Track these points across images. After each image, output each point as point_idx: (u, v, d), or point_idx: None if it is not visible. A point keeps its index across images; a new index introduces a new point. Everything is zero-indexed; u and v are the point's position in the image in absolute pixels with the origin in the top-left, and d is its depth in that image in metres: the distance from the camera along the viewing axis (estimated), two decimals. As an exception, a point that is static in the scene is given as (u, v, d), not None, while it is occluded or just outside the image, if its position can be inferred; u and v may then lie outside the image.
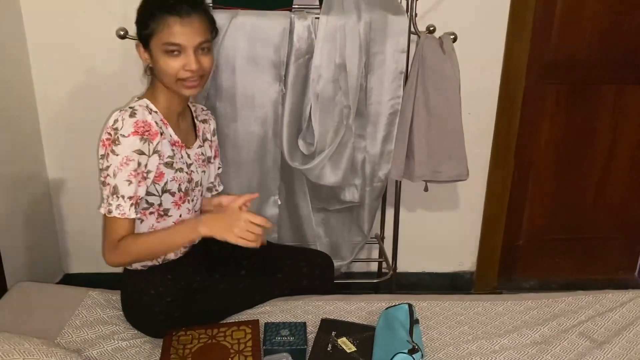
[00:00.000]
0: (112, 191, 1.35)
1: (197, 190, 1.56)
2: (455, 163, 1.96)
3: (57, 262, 2.36)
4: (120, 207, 1.35)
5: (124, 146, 1.34)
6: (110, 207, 1.36)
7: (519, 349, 1.49)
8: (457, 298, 1.72)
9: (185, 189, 1.49)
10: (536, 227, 2.52)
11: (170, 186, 1.45)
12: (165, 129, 1.43)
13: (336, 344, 1.46)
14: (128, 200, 1.35)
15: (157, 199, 1.44)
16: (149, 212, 1.45)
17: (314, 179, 1.90)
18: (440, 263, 2.51)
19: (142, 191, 1.38)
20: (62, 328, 1.51)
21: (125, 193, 1.35)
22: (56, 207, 2.29)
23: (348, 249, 2.15)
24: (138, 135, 1.34)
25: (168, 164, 1.43)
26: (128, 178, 1.34)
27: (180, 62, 1.37)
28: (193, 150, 1.54)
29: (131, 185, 1.35)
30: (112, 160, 1.35)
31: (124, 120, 1.35)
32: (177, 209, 1.48)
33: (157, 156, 1.39)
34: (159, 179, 1.42)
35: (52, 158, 2.22)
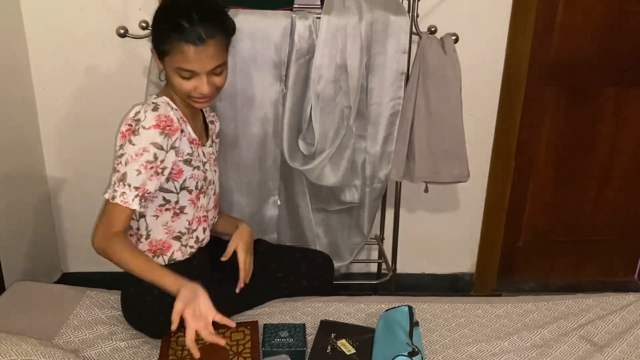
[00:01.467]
0: (120, 178, 1.34)
1: (210, 189, 1.56)
2: (456, 164, 1.95)
3: (55, 261, 2.36)
4: (124, 195, 1.34)
5: (142, 137, 1.33)
6: (114, 194, 1.34)
7: (519, 352, 1.48)
8: (457, 300, 1.71)
9: (201, 186, 1.49)
10: (536, 228, 2.51)
11: (188, 183, 1.45)
12: (185, 127, 1.44)
13: (335, 345, 1.46)
14: (134, 190, 1.34)
15: (175, 196, 1.44)
16: (165, 209, 1.45)
17: (314, 179, 1.89)
18: (439, 264, 2.50)
19: (152, 186, 1.36)
20: (60, 328, 1.51)
21: (132, 182, 1.33)
22: (55, 205, 2.28)
23: (347, 250, 2.14)
24: (159, 128, 1.34)
25: (187, 161, 1.43)
26: (139, 168, 1.33)
27: (193, 84, 1.38)
28: (206, 149, 1.56)
29: (140, 175, 1.33)
30: (127, 149, 1.34)
31: (146, 113, 1.35)
32: (193, 207, 1.49)
33: (174, 153, 1.39)
34: (177, 175, 1.42)
35: (51, 156, 2.20)
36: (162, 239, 1.49)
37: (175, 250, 1.51)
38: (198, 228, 1.54)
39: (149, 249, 1.49)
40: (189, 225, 1.51)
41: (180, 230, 1.50)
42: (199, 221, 1.54)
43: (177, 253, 1.51)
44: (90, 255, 1.45)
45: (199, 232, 1.55)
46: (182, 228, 1.50)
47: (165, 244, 1.49)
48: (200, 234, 1.56)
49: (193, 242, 1.55)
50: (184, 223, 1.49)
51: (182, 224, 1.49)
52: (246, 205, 1.99)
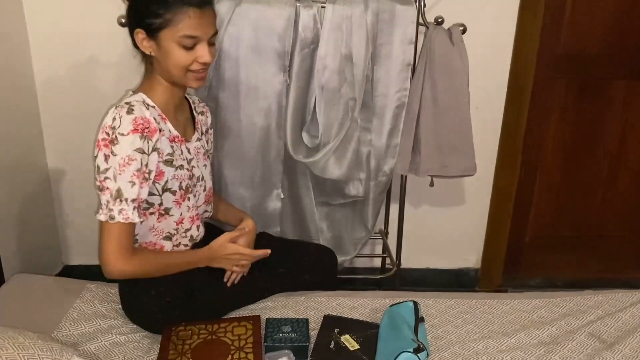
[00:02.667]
0: (115, 195, 1.28)
1: (199, 185, 1.51)
2: (462, 157, 1.92)
3: (56, 253, 2.34)
4: (123, 212, 1.28)
5: (123, 145, 1.27)
6: (111, 213, 1.28)
7: (526, 348, 1.46)
8: (463, 296, 1.68)
9: (186, 186, 1.44)
10: (543, 224, 2.48)
11: (170, 185, 1.40)
12: (163, 125, 1.38)
13: (339, 341, 1.43)
14: (131, 204, 1.29)
15: (158, 199, 1.40)
16: (150, 212, 1.40)
17: (318, 172, 1.86)
18: (444, 259, 2.48)
19: (144, 193, 1.32)
20: (59, 322, 1.48)
21: (129, 196, 1.28)
22: (56, 196, 2.26)
23: (351, 244, 2.12)
24: (138, 132, 1.28)
25: (168, 161, 1.38)
26: (131, 179, 1.28)
27: (193, 55, 1.33)
28: (192, 144, 1.50)
29: (134, 187, 1.28)
30: (111, 162, 1.27)
31: (121, 118, 1.28)
32: (178, 207, 1.44)
33: (157, 154, 1.34)
34: (158, 177, 1.37)
35: (52, 147, 2.18)
36: (152, 240, 1.45)
37: (168, 250, 1.47)
38: (192, 227, 1.51)
39: None
40: (178, 226, 1.46)
41: (168, 230, 1.45)
42: (191, 220, 1.50)
43: None
44: (92, 247, 1.43)
45: (192, 231, 1.51)
46: (170, 229, 1.45)
47: (156, 245, 1.45)
48: (194, 232, 1.52)
49: (187, 241, 1.51)
50: (171, 224, 1.44)
51: (169, 224, 1.44)
52: (249, 198, 1.96)
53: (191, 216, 1.49)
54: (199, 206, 1.54)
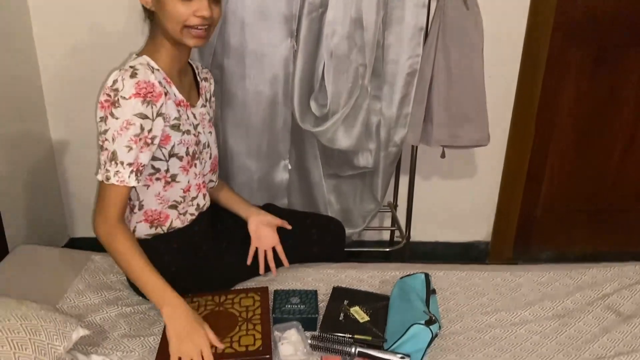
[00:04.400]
0: (111, 157, 1.26)
1: (205, 152, 1.47)
2: (475, 127, 1.87)
3: (62, 226, 2.32)
4: (119, 174, 1.26)
5: (124, 109, 1.24)
6: (108, 174, 1.27)
7: (541, 321, 1.43)
8: (474, 268, 1.65)
9: (192, 152, 1.40)
10: (555, 197, 2.44)
11: (177, 150, 1.36)
12: (169, 88, 1.34)
13: (348, 313, 1.40)
14: (127, 167, 1.26)
15: (164, 164, 1.36)
16: (156, 178, 1.37)
17: (326, 142, 1.82)
18: (454, 232, 2.45)
19: (144, 158, 1.29)
20: (64, 293, 1.47)
21: (125, 159, 1.26)
22: (60, 169, 2.23)
23: (360, 217, 2.08)
24: (140, 97, 1.24)
25: (174, 126, 1.34)
26: (128, 144, 1.25)
27: (191, 8, 1.26)
28: (197, 110, 1.45)
29: (131, 151, 1.25)
30: (110, 124, 1.25)
31: (124, 81, 1.24)
32: (185, 174, 1.40)
33: (162, 119, 1.30)
34: (165, 142, 1.33)
35: (55, 118, 2.14)
36: (156, 209, 1.41)
37: (173, 219, 1.44)
38: (198, 195, 1.47)
39: (145, 219, 1.41)
40: (184, 194, 1.42)
41: (175, 199, 1.41)
42: (198, 188, 1.46)
43: (177, 221, 1.44)
44: None
45: (199, 199, 1.48)
46: (176, 197, 1.41)
47: (161, 214, 1.42)
48: (201, 201, 1.49)
49: (193, 210, 1.48)
50: (177, 192, 1.41)
51: (175, 192, 1.40)
52: (256, 169, 1.92)
53: (198, 184, 1.45)
54: (205, 174, 1.50)
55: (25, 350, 1.06)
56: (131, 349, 1.31)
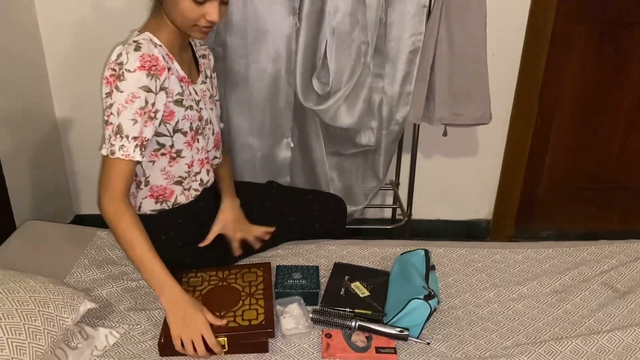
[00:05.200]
0: (116, 131, 1.27)
1: (207, 128, 1.48)
2: (477, 105, 1.86)
3: (67, 203, 2.35)
4: (124, 148, 1.27)
5: (129, 82, 1.25)
6: (112, 148, 1.27)
7: (538, 297, 1.45)
8: (474, 245, 1.67)
9: (196, 127, 1.41)
10: (557, 175, 2.44)
11: (181, 125, 1.37)
12: (171, 64, 1.34)
13: (349, 288, 1.43)
14: (132, 141, 1.27)
15: (169, 140, 1.37)
16: (161, 154, 1.38)
17: (329, 120, 1.82)
18: (455, 211, 2.46)
19: (148, 132, 1.30)
20: (71, 268, 1.49)
21: (130, 133, 1.26)
22: (65, 146, 2.25)
23: (362, 195, 2.10)
24: (145, 70, 1.25)
25: (178, 101, 1.35)
26: (133, 117, 1.26)
27: (202, 11, 1.27)
28: (198, 86, 1.46)
29: (136, 124, 1.26)
30: (116, 98, 1.26)
31: (128, 54, 1.25)
32: (190, 149, 1.42)
33: (165, 94, 1.31)
34: (169, 118, 1.35)
35: (59, 95, 2.14)
36: (162, 184, 1.42)
37: (178, 195, 1.45)
38: (202, 170, 1.48)
39: (150, 195, 1.43)
40: (189, 169, 1.44)
41: (180, 174, 1.43)
42: (201, 163, 1.47)
43: (181, 197, 1.46)
44: None
45: (202, 174, 1.49)
46: (181, 172, 1.43)
47: (167, 190, 1.43)
48: (205, 176, 1.50)
49: (197, 185, 1.49)
50: (182, 167, 1.42)
51: (181, 168, 1.42)
52: (258, 147, 1.93)
53: (200, 159, 1.46)
54: (209, 150, 1.51)
55: (35, 322, 1.09)
56: (137, 321, 1.34)
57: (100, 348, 1.25)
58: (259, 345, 1.25)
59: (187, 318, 1.23)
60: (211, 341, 1.22)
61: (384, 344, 1.27)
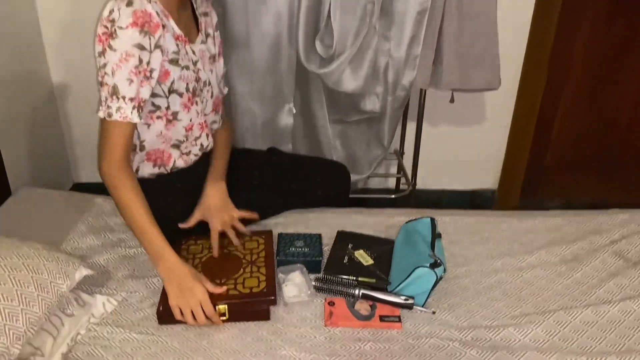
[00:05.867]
0: (112, 92, 1.22)
1: (205, 91, 1.43)
2: (487, 70, 1.80)
3: (65, 171, 2.31)
4: (121, 110, 1.22)
5: (122, 40, 1.19)
6: (109, 110, 1.23)
7: (547, 266, 1.41)
8: (481, 214, 1.64)
9: (193, 88, 1.36)
10: (565, 144, 2.39)
11: (177, 86, 1.32)
12: (167, 21, 1.28)
13: (353, 256, 1.39)
14: (130, 102, 1.22)
15: (164, 101, 1.32)
16: (157, 116, 1.33)
17: (332, 85, 1.76)
18: (460, 180, 2.42)
19: (145, 92, 1.25)
20: (68, 234, 1.47)
21: (127, 94, 1.22)
22: (62, 112, 2.20)
23: (366, 163, 2.05)
24: (137, 27, 1.19)
25: (173, 60, 1.30)
26: (129, 76, 1.21)
27: None
28: (197, 46, 1.40)
29: (132, 84, 1.21)
30: (109, 57, 1.20)
31: (120, 10, 1.19)
32: (187, 111, 1.36)
33: (160, 52, 1.25)
34: (164, 78, 1.29)
35: (55, 61, 2.08)
36: (159, 148, 1.38)
37: (176, 159, 1.41)
38: (201, 135, 1.43)
39: (147, 159, 1.39)
40: (187, 132, 1.39)
41: (177, 138, 1.38)
42: (201, 127, 1.42)
43: (180, 161, 1.42)
44: None
45: (202, 139, 1.44)
46: (179, 136, 1.38)
47: (164, 154, 1.39)
48: (204, 141, 1.45)
49: (197, 150, 1.45)
50: (180, 130, 1.37)
51: (178, 131, 1.37)
52: (259, 113, 1.88)
53: (200, 123, 1.41)
54: (207, 114, 1.46)
55: (28, 287, 1.05)
56: (135, 289, 1.31)
57: (98, 315, 1.23)
58: (260, 313, 1.23)
59: (184, 287, 1.20)
60: (209, 311, 1.19)
61: (388, 313, 1.25)
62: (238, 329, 1.21)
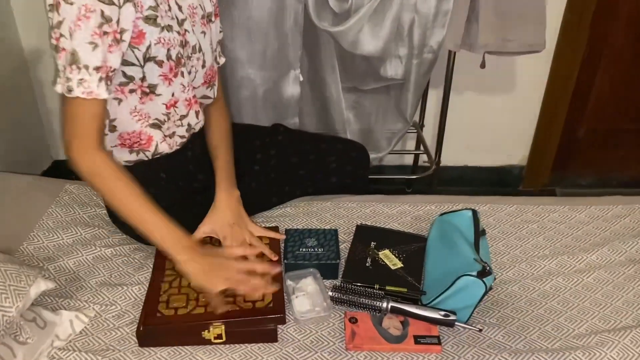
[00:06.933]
0: (70, 59, 0.96)
1: (195, 59, 1.15)
2: (530, 29, 1.56)
3: (44, 148, 2.14)
4: (84, 83, 0.97)
5: None
6: (69, 84, 0.97)
7: (611, 267, 1.19)
8: (527, 201, 1.42)
9: (177, 56, 1.08)
10: (602, 115, 2.19)
11: (155, 52, 1.05)
12: None
13: (377, 257, 1.18)
14: (95, 72, 0.97)
15: (139, 71, 1.05)
16: (129, 90, 1.06)
17: (348, 46, 1.53)
18: (486, 156, 2.23)
19: (114, 60, 0.99)
20: (31, 231, 1.25)
21: (90, 62, 0.96)
22: (36, 83, 2.01)
23: (384, 139, 1.85)
24: None
25: (149, 18, 1.02)
26: (91, 39, 0.95)
27: None
28: (185, 1, 1.12)
29: (97, 49, 0.95)
30: (65, 13, 0.94)
31: None
32: (168, 84, 1.09)
33: (132, 6, 0.98)
34: (137, 41, 1.02)
35: (24, 24, 1.89)
36: (134, 129, 1.12)
37: (159, 142, 1.15)
38: (189, 113, 1.17)
39: (121, 144, 1.13)
40: (168, 110, 1.13)
41: (156, 117, 1.12)
42: (188, 104, 1.16)
43: (163, 145, 1.15)
44: None
45: (190, 117, 1.18)
46: (158, 114, 1.12)
47: (141, 136, 1.13)
48: (192, 119, 1.19)
49: (183, 131, 1.19)
50: (159, 107, 1.11)
51: (156, 107, 1.11)
52: (260, 81, 1.66)
53: (187, 98, 1.14)
54: (197, 87, 1.19)
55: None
56: (111, 300, 1.10)
57: (64, 337, 1.01)
58: (265, 334, 1.02)
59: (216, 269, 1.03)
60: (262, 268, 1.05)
61: (424, 332, 1.03)
62: (238, 354, 0.99)
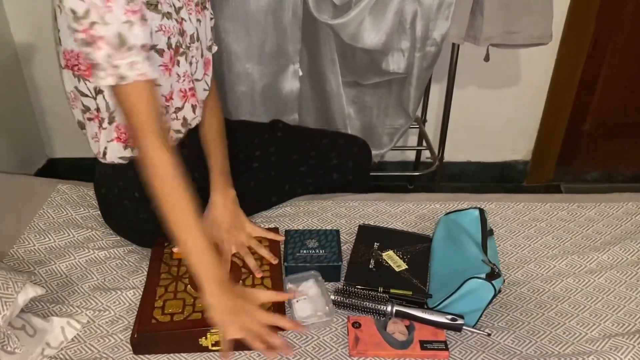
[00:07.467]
0: (118, 43, 0.89)
1: (194, 48, 1.11)
2: (537, 20, 1.51)
3: (38, 146, 2.10)
4: (136, 66, 0.91)
5: None
6: (119, 71, 0.90)
7: (624, 268, 1.15)
8: (534, 198, 1.38)
9: (176, 44, 1.04)
10: (607, 109, 2.16)
11: (156, 40, 1.00)
12: None
13: (380, 259, 1.13)
14: (141, 51, 0.91)
15: None
16: None
17: (349, 39, 1.49)
18: (489, 151, 2.20)
19: (148, 37, 0.94)
20: (21, 233, 1.20)
21: (136, 40, 0.90)
22: (29, 79, 1.97)
23: (386, 134, 1.81)
24: None
25: (151, 4, 0.98)
26: (127, 17, 0.89)
27: None
28: None
29: (133, 27, 0.90)
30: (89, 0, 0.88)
31: None
32: (168, 75, 1.05)
33: None
34: None
35: (16, 16, 1.84)
36: None
37: None
38: (184, 106, 1.12)
39: (117, 138, 1.08)
40: (167, 103, 1.09)
41: None
42: (183, 96, 1.11)
43: None
44: (78, 139, 1.18)
45: (185, 111, 1.13)
46: None
47: None
48: (189, 113, 1.14)
49: (179, 125, 1.14)
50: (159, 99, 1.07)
51: None
52: (258, 76, 1.62)
53: (183, 89, 1.10)
54: (199, 80, 1.14)
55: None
56: (105, 306, 1.05)
57: (55, 345, 0.97)
58: None
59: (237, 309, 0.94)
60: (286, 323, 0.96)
61: (430, 337, 0.98)
62: (236, 362, 0.95)
